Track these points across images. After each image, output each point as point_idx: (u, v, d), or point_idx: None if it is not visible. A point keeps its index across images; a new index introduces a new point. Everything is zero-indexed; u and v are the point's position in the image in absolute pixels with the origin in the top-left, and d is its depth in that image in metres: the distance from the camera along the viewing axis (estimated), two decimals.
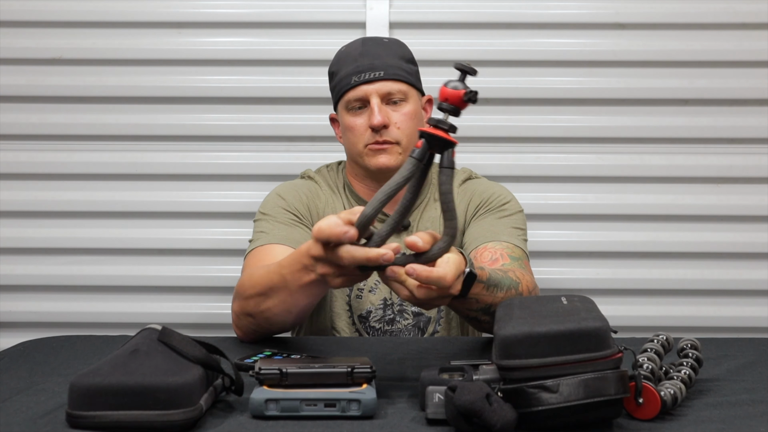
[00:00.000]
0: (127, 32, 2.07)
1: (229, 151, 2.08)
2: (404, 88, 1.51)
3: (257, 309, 1.24)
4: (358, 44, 1.55)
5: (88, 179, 2.08)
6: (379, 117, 1.47)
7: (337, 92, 1.54)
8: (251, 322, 1.28)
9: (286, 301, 1.19)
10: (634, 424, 0.89)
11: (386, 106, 1.50)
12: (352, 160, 1.58)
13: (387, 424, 0.88)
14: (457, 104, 1.00)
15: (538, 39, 2.07)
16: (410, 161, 0.99)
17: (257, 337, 1.31)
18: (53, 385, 1.03)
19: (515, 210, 1.56)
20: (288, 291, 1.16)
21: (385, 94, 1.50)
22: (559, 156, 2.08)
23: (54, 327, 2.04)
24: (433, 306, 1.10)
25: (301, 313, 1.24)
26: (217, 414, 0.92)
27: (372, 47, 1.53)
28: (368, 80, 1.49)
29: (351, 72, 1.50)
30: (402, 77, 1.51)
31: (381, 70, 1.49)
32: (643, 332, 1.27)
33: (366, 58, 1.51)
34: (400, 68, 1.52)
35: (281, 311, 1.22)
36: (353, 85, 1.50)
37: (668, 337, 1.04)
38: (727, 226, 2.08)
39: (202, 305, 2.08)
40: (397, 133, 1.49)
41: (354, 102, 1.51)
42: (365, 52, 1.52)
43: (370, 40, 1.57)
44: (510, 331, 0.85)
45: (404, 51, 1.57)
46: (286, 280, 1.15)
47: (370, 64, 1.50)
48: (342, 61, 1.54)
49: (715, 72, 2.07)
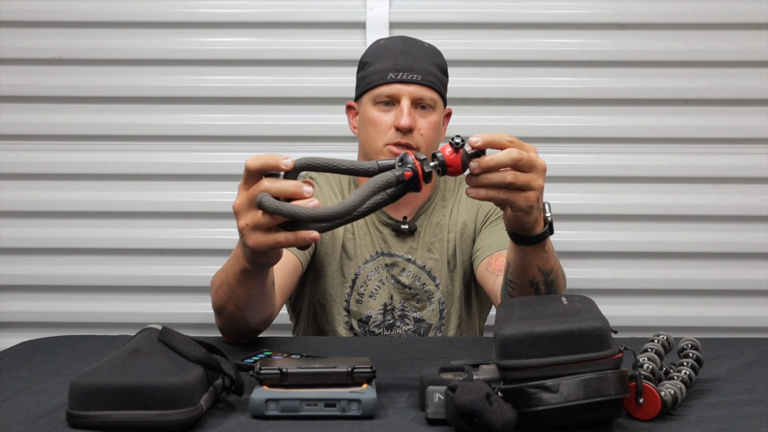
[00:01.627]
0: (127, 32, 2.07)
1: (229, 151, 2.08)
2: (435, 96, 1.51)
3: (218, 309, 1.22)
4: (399, 42, 1.54)
5: (88, 179, 2.08)
6: (407, 119, 1.47)
7: (367, 83, 1.52)
8: (224, 324, 1.25)
9: (232, 296, 1.15)
10: (635, 424, 0.89)
11: (414, 111, 1.49)
12: (364, 155, 1.56)
13: (387, 424, 0.88)
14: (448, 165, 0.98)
15: (538, 39, 2.07)
16: (390, 178, 0.94)
17: (240, 336, 1.28)
18: (53, 385, 1.03)
19: None
20: (229, 285, 1.14)
21: (417, 99, 1.49)
22: (559, 156, 2.08)
23: (54, 327, 2.04)
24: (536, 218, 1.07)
25: (251, 308, 1.18)
26: (217, 414, 0.92)
27: (413, 48, 1.53)
28: (404, 80, 1.48)
29: (388, 68, 1.49)
30: (436, 86, 1.51)
31: (419, 73, 1.49)
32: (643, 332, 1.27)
33: (406, 58, 1.50)
34: (435, 76, 1.52)
35: (233, 308, 1.18)
36: (388, 81, 1.49)
37: (668, 337, 1.04)
38: (727, 226, 2.08)
39: (202, 305, 2.07)
40: (419, 140, 1.49)
41: (384, 98, 1.50)
42: (406, 51, 1.51)
43: (412, 41, 1.56)
44: (510, 330, 0.85)
45: (441, 60, 1.56)
46: (227, 273, 1.13)
47: (410, 66, 1.49)
48: (380, 53, 1.53)
49: (715, 72, 2.07)
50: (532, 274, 1.17)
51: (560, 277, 1.22)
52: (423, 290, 1.54)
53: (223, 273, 1.17)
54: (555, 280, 1.20)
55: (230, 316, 1.21)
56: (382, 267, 1.53)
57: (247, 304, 1.16)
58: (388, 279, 1.53)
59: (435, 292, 1.54)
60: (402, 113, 1.47)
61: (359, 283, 1.53)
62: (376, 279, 1.52)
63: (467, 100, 2.08)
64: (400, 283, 1.54)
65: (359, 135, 1.57)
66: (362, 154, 1.58)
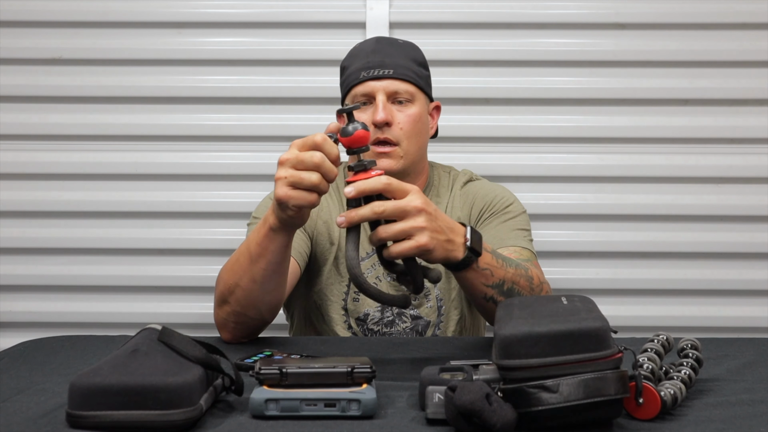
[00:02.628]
0: (127, 32, 2.07)
1: (229, 151, 2.08)
2: (412, 89, 1.51)
3: (229, 289, 1.25)
4: (372, 42, 1.56)
5: (88, 179, 2.08)
6: (382, 114, 1.47)
7: (346, 86, 1.54)
8: (229, 313, 1.27)
9: (250, 268, 1.21)
10: (634, 424, 0.89)
11: (392, 105, 1.50)
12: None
13: (387, 424, 0.88)
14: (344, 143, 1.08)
15: (538, 39, 2.07)
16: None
17: (241, 331, 1.29)
18: (53, 385, 1.03)
19: (519, 211, 1.56)
20: (249, 255, 1.21)
21: (392, 93, 1.49)
22: (559, 156, 2.08)
23: (54, 327, 2.04)
24: (447, 250, 1.11)
25: (266, 283, 1.23)
26: (217, 414, 0.92)
27: (385, 46, 1.54)
28: (376, 77, 1.49)
29: (360, 67, 1.50)
30: (410, 78, 1.51)
31: (390, 68, 1.49)
32: (643, 332, 1.27)
33: (377, 56, 1.51)
34: (409, 69, 1.52)
35: (248, 282, 1.22)
36: (361, 80, 1.49)
37: (668, 337, 1.04)
38: (727, 226, 2.08)
39: (202, 305, 2.07)
40: (399, 134, 1.49)
41: (360, 97, 1.50)
42: (378, 49, 1.52)
43: (384, 40, 1.58)
44: (510, 330, 0.85)
45: (417, 54, 1.57)
46: (249, 243, 1.21)
47: (381, 62, 1.50)
48: (354, 56, 1.55)
49: (715, 72, 2.07)
50: (482, 292, 1.20)
51: (522, 282, 1.24)
52: None
53: (240, 249, 1.24)
54: (514, 287, 1.22)
55: (241, 298, 1.24)
56: (377, 264, 1.53)
57: (264, 274, 1.21)
58: (385, 276, 1.53)
59: (432, 289, 1.54)
60: (377, 109, 1.47)
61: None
62: (373, 276, 1.52)
63: (467, 100, 2.08)
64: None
65: None
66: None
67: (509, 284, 1.21)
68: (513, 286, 1.22)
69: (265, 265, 1.20)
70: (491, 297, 1.20)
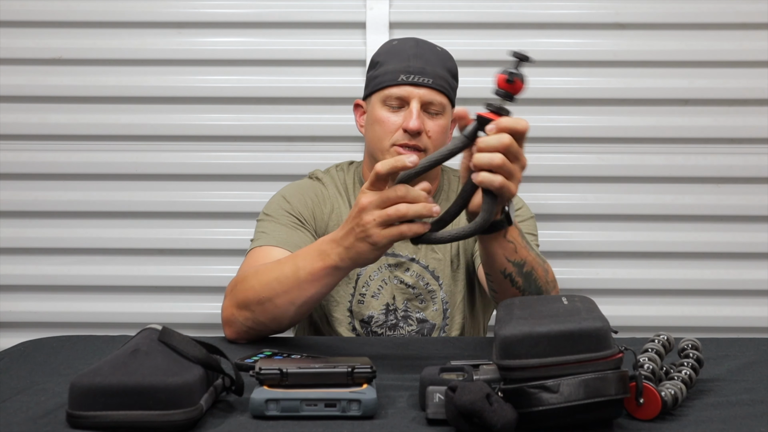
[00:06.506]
0: (127, 32, 2.07)
1: (229, 151, 2.08)
2: (444, 101, 1.52)
3: (258, 300, 1.25)
4: (413, 44, 1.54)
5: (88, 179, 2.08)
6: (416, 122, 1.47)
7: (378, 83, 1.52)
8: (247, 318, 1.27)
9: (293, 291, 1.21)
10: (635, 424, 0.89)
11: (423, 114, 1.50)
12: (370, 155, 1.56)
13: (387, 424, 0.88)
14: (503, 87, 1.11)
15: (538, 39, 2.07)
16: (460, 138, 1.07)
17: (249, 335, 1.30)
18: (53, 385, 1.03)
19: (527, 216, 1.56)
20: (296, 280, 1.20)
21: (427, 102, 1.50)
22: (559, 156, 2.08)
23: (54, 327, 2.04)
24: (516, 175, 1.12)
25: (304, 306, 1.24)
26: (217, 414, 0.92)
27: (426, 52, 1.53)
28: (415, 83, 1.49)
29: (400, 69, 1.50)
30: (445, 90, 1.52)
31: (430, 77, 1.49)
32: (644, 332, 1.27)
33: (418, 61, 1.50)
34: (445, 80, 1.52)
35: (285, 302, 1.22)
36: (399, 82, 1.49)
37: (669, 337, 1.04)
38: (727, 226, 2.08)
39: (202, 305, 2.08)
40: (427, 142, 1.49)
41: (394, 99, 1.50)
42: (419, 54, 1.51)
43: (425, 44, 1.56)
44: (510, 330, 0.85)
45: (453, 65, 1.57)
46: (297, 267, 1.20)
47: (422, 69, 1.49)
48: (392, 54, 1.53)
49: (715, 72, 2.07)
50: (502, 265, 1.19)
51: (540, 272, 1.23)
52: (426, 290, 1.54)
53: (288, 267, 1.22)
54: (532, 273, 1.22)
55: (270, 311, 1.25)
56: (384, 267, 1.53)
57: (308, 301, 1.23)
58: (391, 279, 1.53)
59: (438, 292, 1.54)
60: (411, 115, 1.47)
61: (361, 284, 1.53)
62: (379, 279, 1.53)
63: (468, 100, 2.07)
64: (403, 282, 1.54)
65: (366, 134, 1.57)
66: (368, 153, 1.58)
67: (529, 267, 1.20)
68: (531, 270, 1.21)
69: (313, 294, 1.21)
70: (510, 274, 1.19)
